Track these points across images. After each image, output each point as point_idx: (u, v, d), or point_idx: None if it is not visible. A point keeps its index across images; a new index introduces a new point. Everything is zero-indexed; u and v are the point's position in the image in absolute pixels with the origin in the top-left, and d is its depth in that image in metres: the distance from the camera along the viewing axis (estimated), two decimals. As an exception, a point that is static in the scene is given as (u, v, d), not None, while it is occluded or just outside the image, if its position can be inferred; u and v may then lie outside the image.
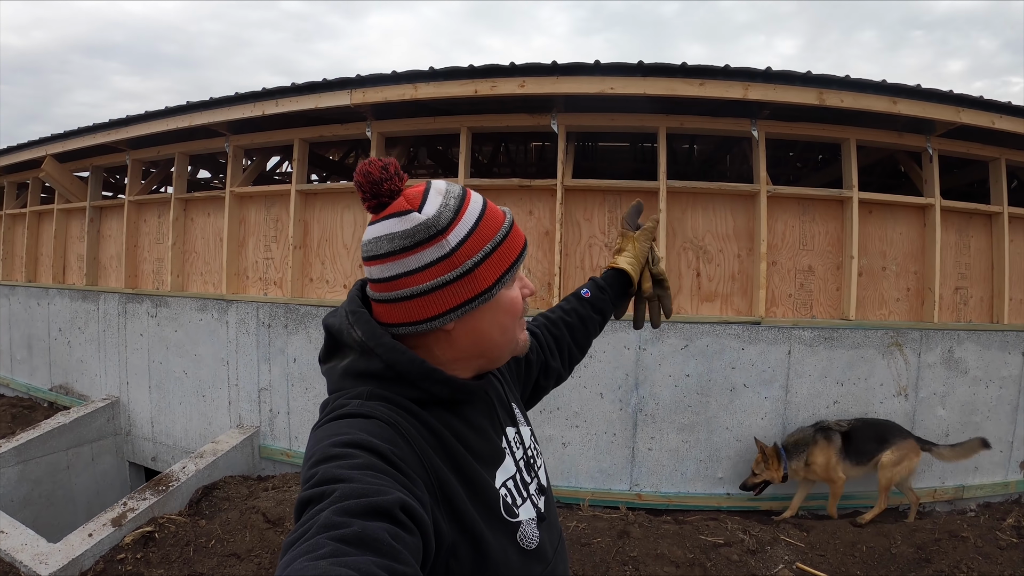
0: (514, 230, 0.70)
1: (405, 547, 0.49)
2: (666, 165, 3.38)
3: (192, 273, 4.29)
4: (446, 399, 0.68)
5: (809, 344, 3.42)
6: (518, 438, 0.79)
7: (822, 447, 3.23)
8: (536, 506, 0.74)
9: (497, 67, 3.28)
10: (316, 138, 3.96)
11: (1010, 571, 3.06)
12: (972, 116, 3.45)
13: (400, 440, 0.61)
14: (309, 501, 0.52)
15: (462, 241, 0.65)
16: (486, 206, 0.69)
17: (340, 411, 0.63)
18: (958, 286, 3.80)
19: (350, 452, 0.56)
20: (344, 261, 3.84)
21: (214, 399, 4.10)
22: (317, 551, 0.45)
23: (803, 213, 3.54)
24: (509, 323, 0.70)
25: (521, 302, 0.71)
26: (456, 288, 0.65)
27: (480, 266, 0.66)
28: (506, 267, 0.68)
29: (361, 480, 0.53)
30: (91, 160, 4.83)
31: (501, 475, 0.72)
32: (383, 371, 0.66)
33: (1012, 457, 3.91)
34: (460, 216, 0.66)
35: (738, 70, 3.18)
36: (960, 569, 3.06)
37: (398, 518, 0.51)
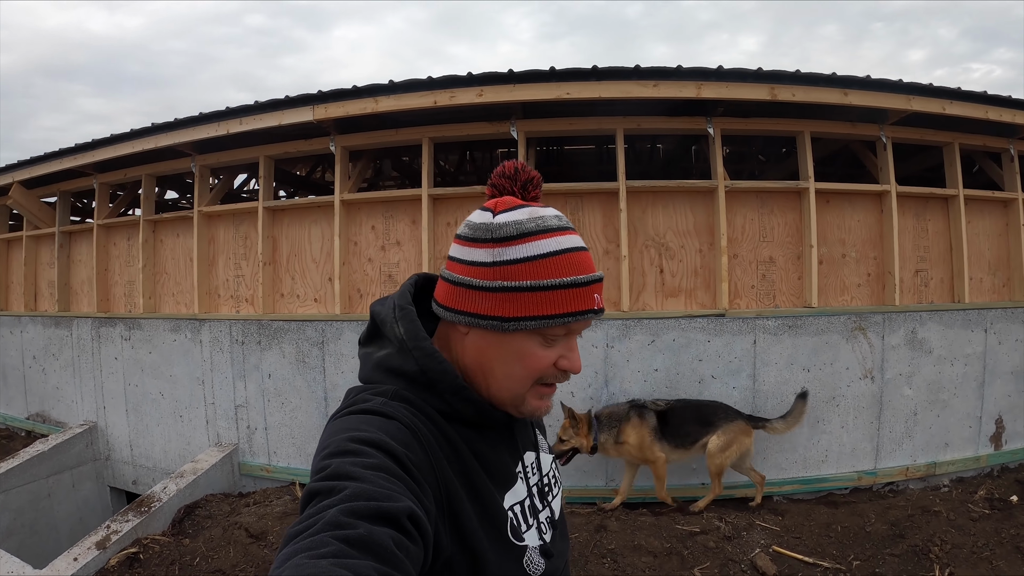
0: (575, 291, 0.65)
1: (407, 556, 0.50)
2: (625, 166, 3.51)
3: (164, 294, 4.36)
4: (469, 417, 0.68)
5: (774, 333, 3.56)
6: (536, 464, 0.79)
7: (635, 424, 3.15)
8: (542, 536, 0.74)
9: (455, 77, 3.39)
10: (281, 155, 4.05)
11: (983, 541, 3.20)
12: (923, 103, 3.61)
13: (417, 445, 0.61)
14: (317, 493, 0.53)
15: (511, 262, 0.65)
16: (566, 253, 0.66)
17: (363, 405, 0.64)
18: (918, 269, 3.96)
19: (365, 450, 0.56)
20: (314, 275, 3.93)
21: (191, 419, 4.17)
22: (320, 548, 0.46)
23: (762, 206, 3.68)
24: (518, 372, 0.67)
25: (545, 365, 0.67)
26: (478, 297, 0.66)
27: (509, 293, 0.64)
28: (535, 314, 0.64)
29: (373, 481, 0.53)
30: (58, 185, 4.89)
31: (511, 498, 0.72)
32: (416, 374, 0.67)
33: (982, 431, 4.07)
34: (526, 240, 0.65)
35: (691, 70, 3.31)
36: (934, 542, 3.19)
37: (404, 526, 0.51)
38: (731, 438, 3.19)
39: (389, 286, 3.80)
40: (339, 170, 3.82)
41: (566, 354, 0.68)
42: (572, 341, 0.69)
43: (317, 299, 3.93)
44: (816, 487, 3.72)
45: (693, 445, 3.21)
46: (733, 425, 3.21)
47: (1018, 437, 4.18)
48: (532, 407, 0.70)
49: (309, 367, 3.83)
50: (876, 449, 3.81)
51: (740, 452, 3.23)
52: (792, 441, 3.66)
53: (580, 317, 0.66)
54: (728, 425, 3.20)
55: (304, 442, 3.90)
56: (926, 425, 3.90)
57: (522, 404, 0.69)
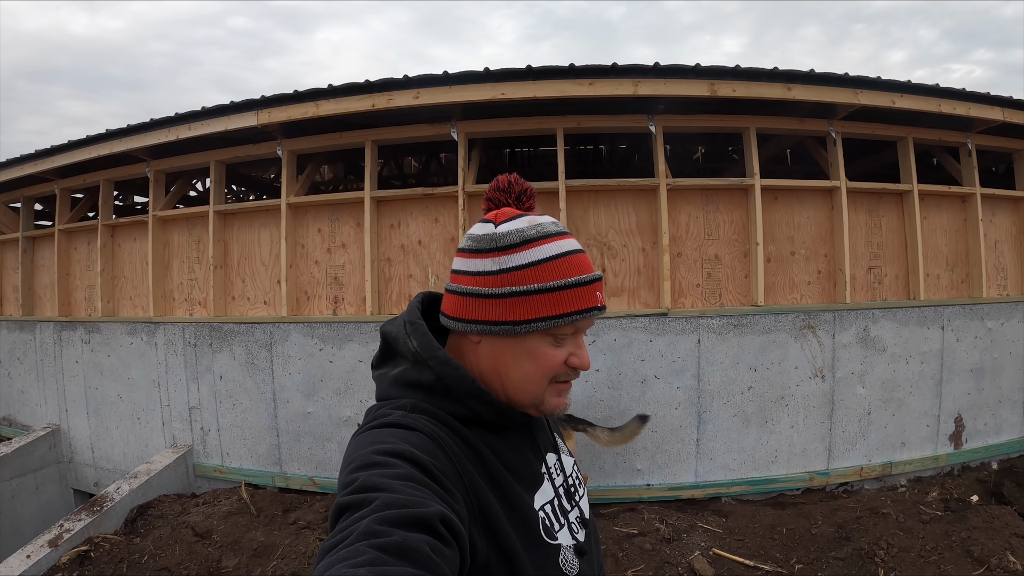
0: (578, 291, 0.69)
1: (444, 561, 0.50)
2: (564, 165, 3.53)
3: (122, 298, 4.46)
4: (489, 421, 0.70)
5: (718, 332, 3.56)
6: (559, 465, 0.81)
7: None
8: (575, 536, 0.75)
9: (392, 80, 3.44)
10: (231, 159, 4.12)
11: (932, 544, 3.17)
12: (871, 97, 3.60)
13: (441, 454, 0.62)
14: (348, 507, 0.54)
15: (517, 268, 0.68)
16: (566, 255, 0.70)
17: (384, 420, 0.66)
18: (871, 266, 3.94)
19: (391, 461, 0.58)
20: (263, 278, 4.00)
21: (148, 421, 4.26)
22: (356, 558, 0.46)
23: (707, 204, 3.68)
24: (533, 372, 0.70)
25: (557, 363, 0.71)
26: (488, 305, 0.69)
27: (517, 298, 0.68)
28: (545, 315, 0.68)
29: (402, 491, 0.54)
30: (22, 191, 5.01)
31: (540, 498, 0.73)
32: (433, 383, 0.69)
33: (940, 430, 4.04)
34: (529, 246, 0.69)
35: (627, 67, 3.33)
36: (880, 546, 3.18)
37: (438, 531, 0.52)
38: None
39: (335, 288, 3.86)
40: (285, 174, 3.89)
41: (575, 351, 0.72)
42: (579, 339, 0.73)
43: (267, 301, 4.00)
44: (766, 488, 3.71)
45: None
46: None
47: (979, 436, 4.14)
48: (551, 405, 0.73)
49: (258, 369, 3.90)
50: (828, 449, 3.80)
51: None
52: (740, 442, 3.67)
53: (586, 314, 0.70)
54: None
55: (255, 443, 3.97)
56: (881, 424, 3.88)
57: (542, 403, 0.72)
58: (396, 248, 3.76)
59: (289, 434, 3.87)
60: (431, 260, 3.71)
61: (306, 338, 3.78)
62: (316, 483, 3.83)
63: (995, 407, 4.18)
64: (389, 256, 3.77)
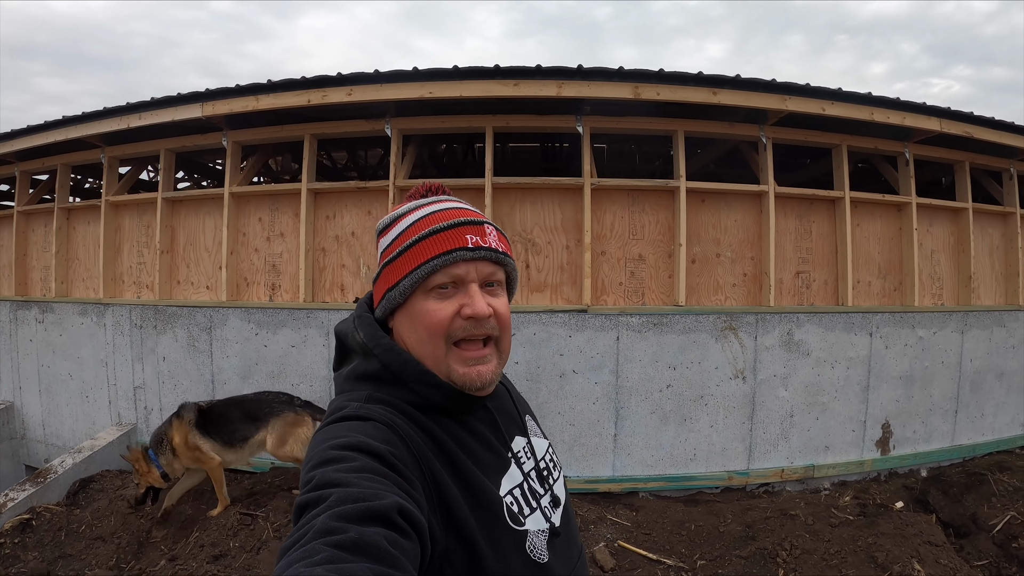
0: (436, 237, 0.70)
1: (403, 553, 0.50)
2: (492, 162, 3.69)
3: (75, 279, 4.68)
4: (442, 405, 0.70)
5: (638, 330, 3.70)
6: (528, 449, 0.81)
7: (176, 427, 3.05)
8: (548, 519, 0.75)
9: (327, 78, 3.61)
10: (180, 148, 4.32)
11: (836, 548, 3.27)
12: (800, 104, 3.71)
13: (398, 442, 0.63)
14: (306, 505, 0.54)
15: (388, 244, 0.74)
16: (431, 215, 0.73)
17: (339, 414, 0.67)
18: (799, 270, 4.05)
19: (347, 455, 0.58)
20: (206, 263, 4.20)
21: (96, 399, 4.47)
22: (313, 556, 0.46)
23: (633, 204, 3.82)
24: (423, 334, 0.70)
25: (443, 317, 0.69)
26: (378, 284, 0.75)
27: (389, 266, 0.73)
28: (408, 270, 0.70)
29: (358, 484, 0.54)
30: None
31: (507, 483, 0.73)
32: (380, 371, 0.70)
33: (866, 436, 4.15)
34: (396, 222, 0.75)
35: (552, 69, 3.48)
36: (783, 546, 3.29)
37: (396, 523, 0.52)
38: (283, 431, 3.07)
39: (272, 275, 4.05)
40: (229, 164, 4.08)
41: (465, 301, 0.70)
42: (470, 288, 0.70)
43: (209, 287, 4.19)
44: (684, 485, 3.84)
45: (246, 443, 3.11)
46: (281, 418, 3.08)
47: (908, 443, 4.24)
48: (460, 375, 0.70)
49: (198, 351, 4.09)
50: (749, 450, 3.92)
51: (304, 443, 3.08)
52: (658, 438, 3.80)
53: (446, 258, 0.69)
54: (276, 419, 3.08)
55: (194, 424, 4.16)
56: (804, 427, 3.99)
57: (451, 373, 0.70)
58: (331, 239, 3.94)
59: (225, 416, 4.06)
60: (363, 251, 3.88)
61: (243, 323, 3.97)
62: (250, 463, 4.01)
63: (925, 415, 4.27)
64: (324, 246, 3.95)
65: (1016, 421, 4.58)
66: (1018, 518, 3.67)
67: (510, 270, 0.77)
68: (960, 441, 4.38)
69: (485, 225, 0.74)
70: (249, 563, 3.09)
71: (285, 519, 3.33)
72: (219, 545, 3.24)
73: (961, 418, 4.37)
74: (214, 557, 3.15)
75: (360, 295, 3.90)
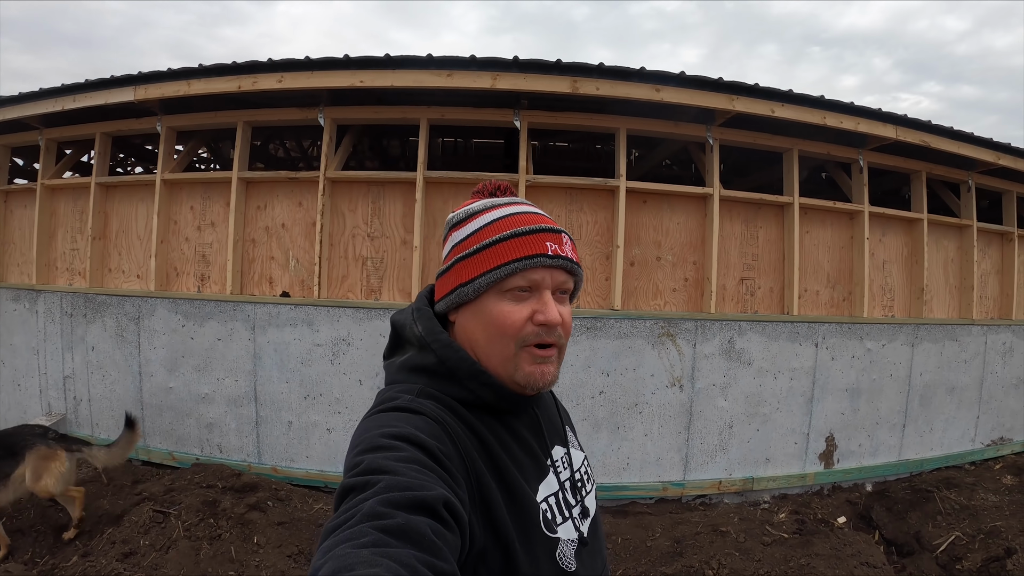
0: (516, 241, 0.72)
1: (446, 544, 0.52)
2: (425, 155, 3.63)
3: (10, 264, 4.64)
4: (492, 404, 0.73)
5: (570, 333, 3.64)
6: (566, 459, 0.83)
7: None
8: (579, 529, 0.77)
9: (257, 63, 3.56)
10: (115, 132, 4.28)
11: (767, 568, 3.20)
12: (748, 104, 3.65)
13: (446, 439, 0.64)
14: (352, 488, 0.55)
15: (461, 240, 0.76)
16: (509, 216, 0.75)
17: (391, 403, 0.68)
18: (744, 277, 3.99)
19: (397, 444, 0.60)
20: (138, 251, 4.15)
21: (27, 388, 4.43)
22: (360, 539, 0.48)
23: (571, 203, 3.76)
24: (494, 334, 0.72)
25: (516, 320, 0.71)
26: (447, 278, 0.76)
27: (462, 262, 0.74)
28: (485, 269, 0.71)
29: (406, 473, 0.56)
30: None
31: (544, 490, 0.74)
32: (436, 366, 0.72)
33: (809, 448, 4.10)
34: (472, 218, 0.76)
35: (487, 60, 3.42)
36: (710, 565, 3.21)
37: (441, 514, 0.53)
38: (36, 465, 3.00)
39: (202, 266, 4.00)
40: (163, 149, 4.03)
41: (539, 308, 0.71)
42: (544, 295, 0.72)
43: (139, 275, 4.15)
44: (617, 495, 3.80)
45: (8, 479, 3.01)
46: (34, 452, 3.03)
47: (853, 456, 4.19)
48: (526, 373, 0.72)
49: (127, 341, 4.05)
50: (685, 460, 3.87)
51: (58, 477, 3.04)
52: (590, 446, 3.75)
53: (528, 262, 0.70)
54: (30, 452, 3.02)
55: (121, 415, 4.11)
56: (744, 438, 3.94)
57: (516, 372, 0.72)
58: (261, 230, 3.89)
59: (152, 408, 4.02)
60: (293, 244, 3.83)
61: (171, 313, 3.92)
62: (175, 458, 3.97)
63: (872, 428, 4.22)
64: (254, 237, 3.90)
65: (966, 436, 4.53)
66: (962, 538, 3.60)
67: (579, 279, 0.79)
68: (908, 456, 4.33)
69: (562, 234, 0.76)
70: (157, 562, 3.05)
71: (196, 518, 3.28)
72: (130, 543, 3.20)
73: (909, 432, 4.32)
74: (124, 555, 3.12)
75: (288, 289, 3.85)
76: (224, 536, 3.17)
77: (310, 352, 3.70)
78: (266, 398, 3.75)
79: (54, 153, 4.53)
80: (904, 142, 4.01)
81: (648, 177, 4.43)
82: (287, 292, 3.82)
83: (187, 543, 3.13)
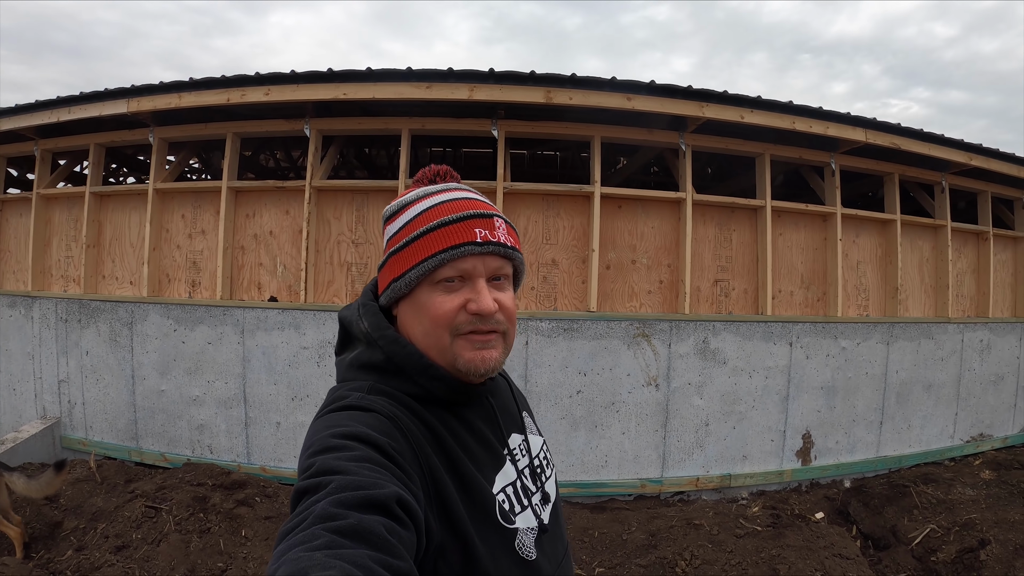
0: (445, 230, 0.71)
1: (400, 541, 0.52)
2: (407, 164, 3.81)
3: (6, 271, 4.83)
4: (444, 398, 0.73)
5: (547, 335, 3.81)
6: (524, 446, 0.83)
7: None
8: (538, 516, 0.78)
9: (245, 77, 3.75)
10: (109, 143, 4.47)
11: (738, 559, 3.34)
12: (717, 111, 3.82)
13: (398, 435, 0.64)
14: (305, 491, 0.56)
15: (394, 233, 0.76)
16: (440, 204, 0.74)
17: (341, 403, 0.68)
18: (718, 278, 4.15)
19: (348, 444, 0.60)
20: (131, 259, 4.34)
21: (23, 392, 4.61)
22: (313, 541, 0.48)
23: (548, 208, 3.93)
24: (428, 326, 0.72)
25: (448, 310, 0.71)
26: (383, 273, 0.76)
27: (395, 256, 0.74)
28: (415, 262, 0.71)
29: (358, 472, 0.56)
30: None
31: (500, 480, 0.75)
32: (384, 363, 0.72)
33: (786, 445, 4.24)
34: (404, 210, 0.76)
35: (463, 72, 3.60)
36: (683, 556, 3.36)
37: (394, 512, 0.54)
38: None
39: (193, 272, 4.18)
40: (155, 160, 4.21)
41: (472, 296, 0.71)
42: (477, 283, 0.72)
43: (133, 282, 4.33)
44: (595, 492, 3.94)
45: None
46: None
47: (830, 453, 4.33)
48: (466, 360, 0.72)
49: (120, 346, 4.23)
50: (663, 457, 4.02)
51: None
52: (568, 444, 3.90)
53: (455, 252, 0.70)
54: None
55: (115, 418, 4.30)
56: (720, 436, 4.09)
57: (456, 361, 0.72)
58: (250, 237, 4.07)
59: (145, 410, 4.19)
60: (280, 250, 4.00)
61: (163, 319, 4.10)
62: (167, 459, 4.14)
63: (848, 426, 4.36)
64: (243, 244, 4.08)
65: (945, 433, 4.67)
66: (938, 531, 3.74)
67: (518, 264, 0.78)
68: (885, 452, 4.46)
69: (495, 218, 0.74)
70: (149, 555, 3.22)
71: (187, 513, 3.46)
72: (123, 536, 3.37)
73: (887, 429, 4.46)
74: (117, 548, 3.28)
75: (276, 294, 4.02)
76: (213, 530, 3.34)
77: (297, 355, 3.86)
78: (255, 400, 3.92)
79: (49, 163, 4.73)
80: (875, 144, 4.17)
81: (633, 183, 4.60)
82: (275, 297, 4.00)
83: (178, 536, 3.30)
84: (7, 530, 3.21)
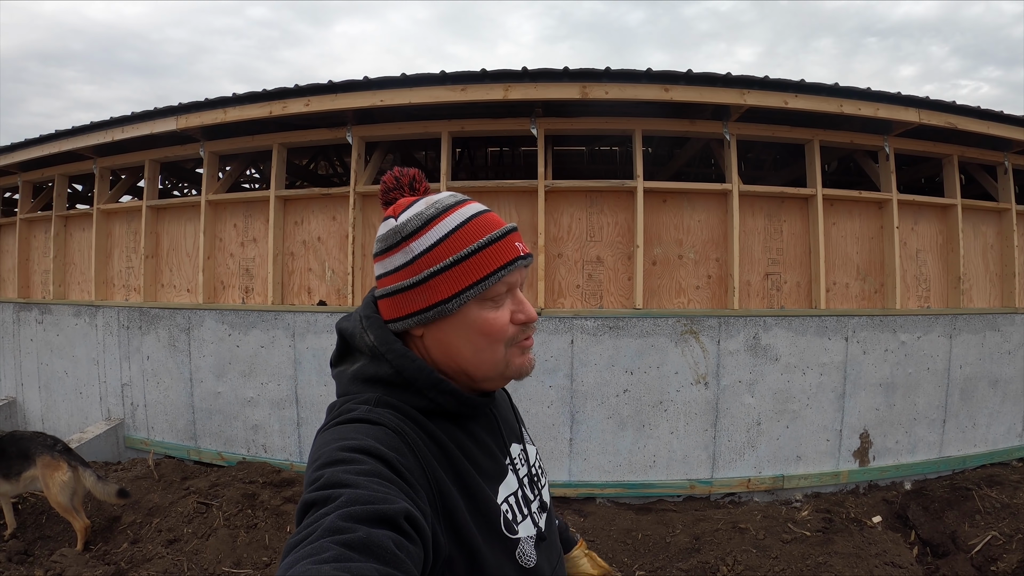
0: (494, 247, 0.72)
1: (408, 557, 0.53)
2: (448, 166, 3.93)
3: (72, 283, 5.19)
4: (451, 411, 0.74)
5: (593, 333, 3.86)
6: (523, 456, 0.85)
7: None
8: (536, 524, 0.80)
9: (286, 90, 3.95)
10: (163, 158, 4.76)
11: (783, 566, 3.30)
12: (759, 98, 3.80)
13: (406, 449, 0.65)
14: (314, 504, 0.56)
15: (426, 251, 0.72)
16: (471, 220, 0.73)
17: (348, 415, 0.69)
18: (769, 272, 4.12)
19: (357, 457, 0.61)
20: (187, 268, 4.61)
21: (89, 395, 4.96)
22: (321, 554, 0.49)
23: (591, 205, 3.99)
24: (484, 343, 0.73)
25: (503, 325, 0.73)
26: (414, 295, 0.72)
27: (437, 277, 0.71)
28: (470, 283, 0.71)
29: (367, 487, 0.57)
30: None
31: (503, 491, 0.77)
32: (392, 377, 0.72)
33: (842, 446, 4.18)
34: (430, 226, 0.72)
35: (497, 72, 3.69)
36: (725, 561, 3.34)
37: (402, 527, 0.55)
38: (43, 474, 3.34)
39: (246, 279, 4.41)
40: (206, 172, 4.47)
41: (517, 308, 0.74)
42: (517, 295, 0.75)
43: (189, 289, 4.60)
44: (643, 492, 3.98)
45: (20, 477, 3.39)
46: (40, 460, 3.34)
47: (889, 454, 4.24)
48: (518, 366, 0.76)
49: (178, 351, 4.50)
50: (712, 458, 4.02)
51: (60, 486, 3.32)
52: (615, 444, 3.95)
53: (511, 267, 0.73)
54: (38, 459, 3.34)
55: (175, 418, 4.58)
56: (772, 436, 4.06)
57: (507, 369, 0.75)
58: (299, 243, 4.27)
59: (203, 411, 4.46)
60: (328, 255, 4.19)
61: (218, 324, 4.35)
62: (224, 457, 4.39)
63: (909, 425, 4.26)
64: (292, 251, 4.28)
65: (1012, 432, 4.50)
66: (999, 538, 3.59)
67: None
68: (948, 452, 4.34)
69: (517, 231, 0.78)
70: (198, 548, 3.44)
71: (236, 509, 3.68)
72: (175, 530, 3.62)
73: (950, 428, 4.33)
74: (168, 542, 3.53)
75: (324, 298, 4.21)
76: (260, 525, 3.54)
77: (345, 357, 4.04)
78: (306, 400, 4.12)
79: (107, 180, 5.07)
80: (929, 125, 4.05)
81: (687, 176, 4.60)
82: (324, 301, 4.19)
83: (226, 531, 3.52)
84: (75, 521, 3.47)
